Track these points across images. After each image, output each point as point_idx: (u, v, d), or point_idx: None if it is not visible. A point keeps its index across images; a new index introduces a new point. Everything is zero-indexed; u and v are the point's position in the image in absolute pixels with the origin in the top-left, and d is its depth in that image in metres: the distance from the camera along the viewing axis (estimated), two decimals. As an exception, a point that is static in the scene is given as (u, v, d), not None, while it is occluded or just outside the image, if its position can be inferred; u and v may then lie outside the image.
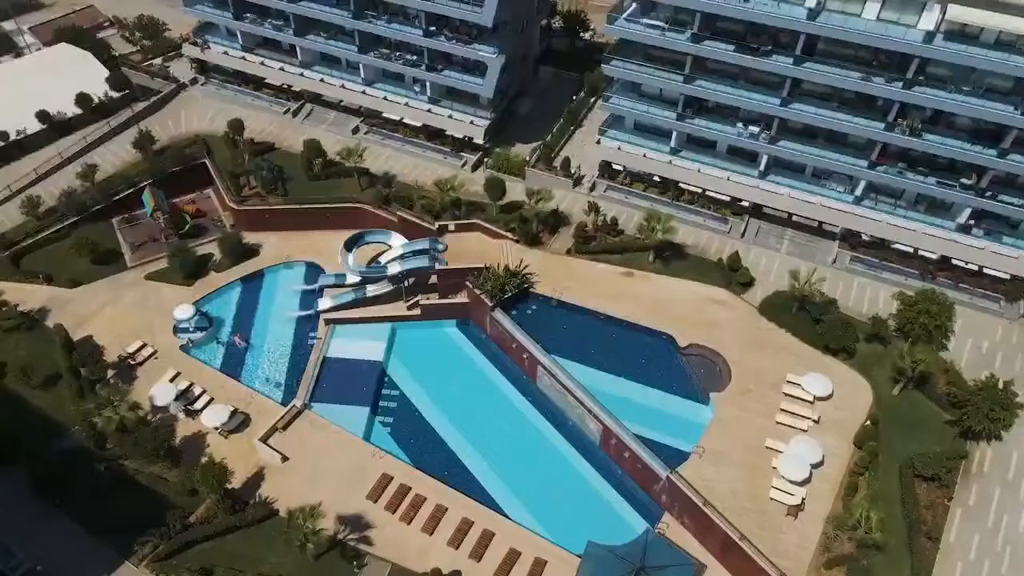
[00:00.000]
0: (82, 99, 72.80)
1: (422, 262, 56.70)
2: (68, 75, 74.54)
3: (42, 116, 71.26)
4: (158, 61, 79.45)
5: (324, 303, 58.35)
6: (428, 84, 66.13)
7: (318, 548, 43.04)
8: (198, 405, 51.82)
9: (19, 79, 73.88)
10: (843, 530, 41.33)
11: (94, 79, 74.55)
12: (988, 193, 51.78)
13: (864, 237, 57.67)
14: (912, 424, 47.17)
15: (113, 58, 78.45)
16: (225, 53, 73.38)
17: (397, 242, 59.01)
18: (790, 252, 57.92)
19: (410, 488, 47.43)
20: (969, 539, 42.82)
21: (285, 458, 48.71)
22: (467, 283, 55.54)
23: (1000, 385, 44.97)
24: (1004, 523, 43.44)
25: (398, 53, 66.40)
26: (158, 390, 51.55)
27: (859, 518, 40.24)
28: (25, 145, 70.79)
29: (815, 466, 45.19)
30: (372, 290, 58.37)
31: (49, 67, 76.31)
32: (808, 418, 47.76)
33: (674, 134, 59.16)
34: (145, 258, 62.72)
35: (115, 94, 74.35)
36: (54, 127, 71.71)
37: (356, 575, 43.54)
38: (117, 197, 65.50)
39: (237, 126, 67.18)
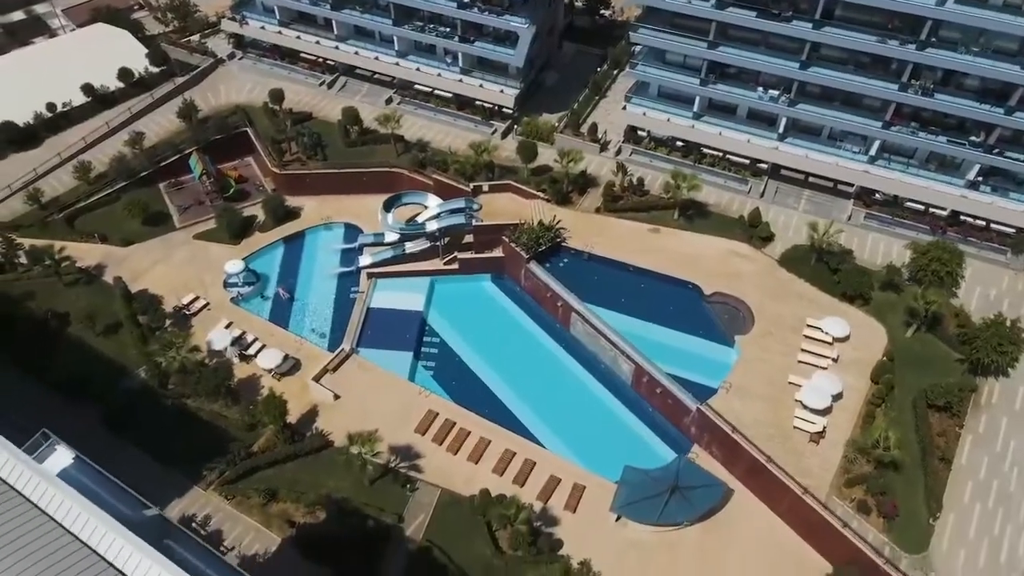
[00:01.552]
0: (124, 73, 76.52)
1: (458, 219, 60.49)
2: (108, 52, 78.26)
3: (87, 89, 74.88)
4: (195, 37, 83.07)
5: (364, 260, 62.15)
6: (460, 55, 69.84)
7: (374, 472, 46.76)
8: (252, 350, 55.49)
9: (61, 56, 77.65)
10: (863, 451, 44.87)
11: (133, 55, 78.25)
12: (996, 150, 55.35)
13: (877, 196, 61.26)
14: (925, 362, 50.77)
15: (149, 36, 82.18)
16: (262, 28, 77.08)
17: (433, 203, 62.78)
18: (807, 210, 61.54)
19: (455, 423, 51.19)
20: (979, 462, 46.51)
21: (337, 396, 52.40)
22: (503, 237, 59.27)
23: (1007, 323, 48.55)
24: (1011, 447, 47.14)
25: (431, 25, 70.11)
26: (215, 335, 55.32)
27: (878, 437, 43.86)
28: (72, 116, 74.30)
29: (835, 398, 48.83)
30: (410, 247, 62.07)
31: (89, 45, 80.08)
32: (827, 357, 51.43)
33: (697, 99, 62.85)
34: (192, 220, 66.52)
35: (155, 69, 77.99)
36: (98, 100, 75.31)
37: (408, 498, 47.20)
38: (164, 163, 69.24)
39: (277, 95, 70.95)
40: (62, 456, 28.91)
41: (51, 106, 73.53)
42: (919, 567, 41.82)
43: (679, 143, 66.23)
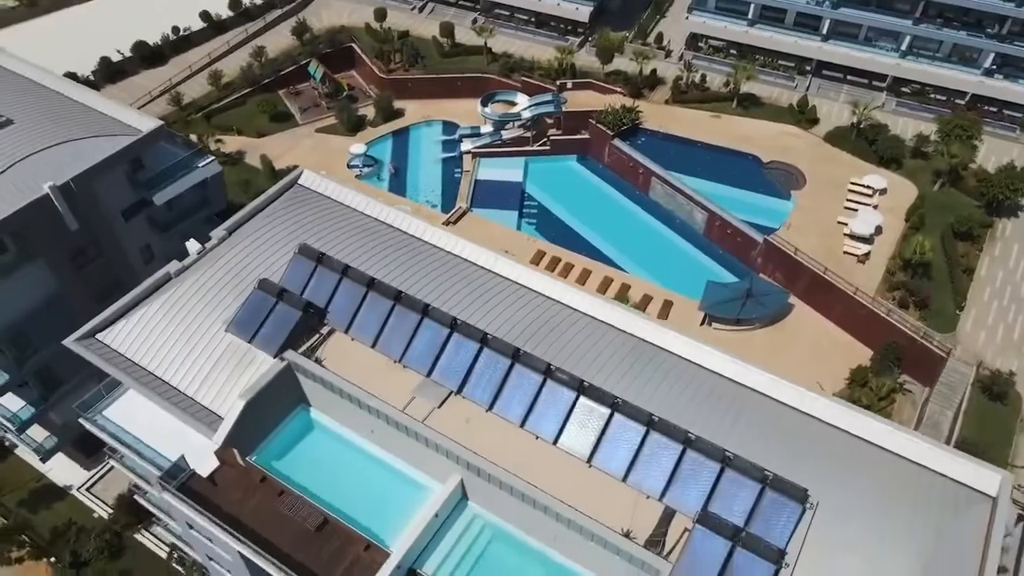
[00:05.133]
0: (234, 3, 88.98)
1: (548, 108, 72.90)
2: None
3: (204, 16, 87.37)
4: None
5: (466, 146, 74.51)
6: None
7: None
8: (382, 210, 67.71)
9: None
10: (902, 259, 56.96)
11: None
12: (1007, 40, 67.63)
13: (906, 90, 73.51)
14: (949, 208, 62.64)
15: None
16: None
17: (522, 100, 75.17)
18: (846, 101, 73.67)
19: (560, 259, 63.52)
20: (995, 274, 58.63)
21: (459, 241, 64.60)
22: (589, 120, 71.55)
23: (1020, 169, 60.74)
24: (1022, 265, 59.22)
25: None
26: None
27: (915, 247, 56.01)
28: (192, 39, 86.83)
29: (876, 231, 60.88)
30: (505, 134, 74.44)
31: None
32: (869, 204, 63.51)
33: (751, 7, 75.16)
34: (312, 118, 79.04)
35: (259, 0, 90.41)
36: (213, 26, 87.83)
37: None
38: (283, 72, 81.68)
39: (381, 13, 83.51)
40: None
41: (175, 29, 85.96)
42: (948, 342, 53.76)
43: (732, 51, 78.46)
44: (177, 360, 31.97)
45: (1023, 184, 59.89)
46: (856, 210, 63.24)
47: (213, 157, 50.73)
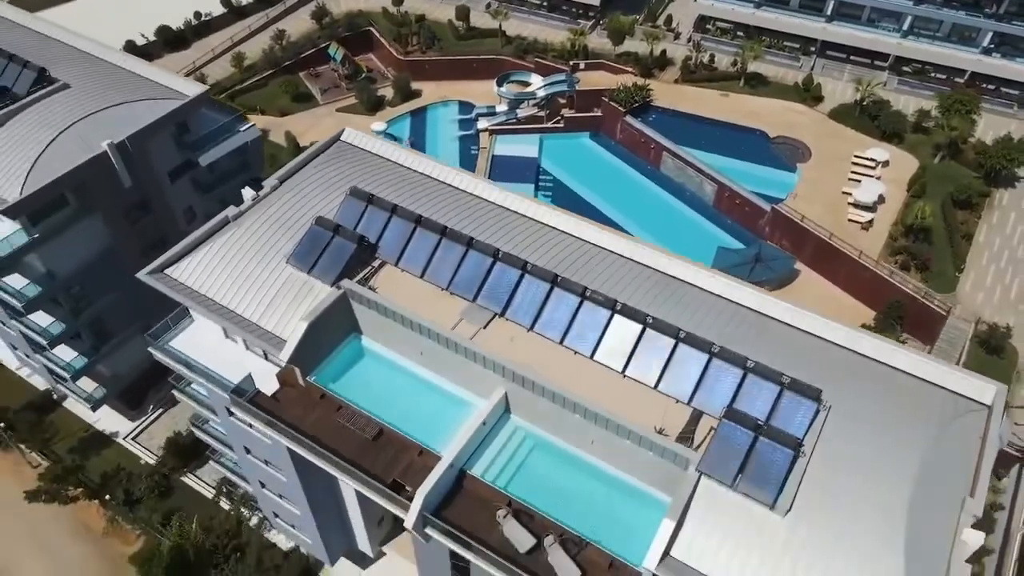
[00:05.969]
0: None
1: (562, 87, 76.15)
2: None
3: (225, 1, 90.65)
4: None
5: (482, 124, 77.73)
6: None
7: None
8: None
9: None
10: (904, 224, 60.16)
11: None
12: (1004, 19, 70.95)
13: (906, 69, 76.79)
14: (949, 179, 65.81)
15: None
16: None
17: (536, 80, 78.42)
18: (849, 80, 76.93)
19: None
20: (993, 239, 61.85)
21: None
22: (602, 98, 74.78)
23: (1016, 140, 63.99)
24: (1018, 232, 62.46)
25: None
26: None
27: (916, 212, 59.23)
28: (212, 24, 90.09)
29: (879, 200, 64.08)
30: (520, 113, 77.64)
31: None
32: (872, 176, 66.72)
33: (758, -11, 78.58)
34: (332, 99, 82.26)
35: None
36: (233, 12, 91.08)
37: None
38: (304, 54, 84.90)
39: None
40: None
41: (197, 14, 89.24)
42: (948, 302, 56.93)
43: (739, 33, 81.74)
44: (240, 291, 35.06)
45: (1019, 154, 63.11)
46: (860, 181, 66.39)
47: (253, 123, 53.69)
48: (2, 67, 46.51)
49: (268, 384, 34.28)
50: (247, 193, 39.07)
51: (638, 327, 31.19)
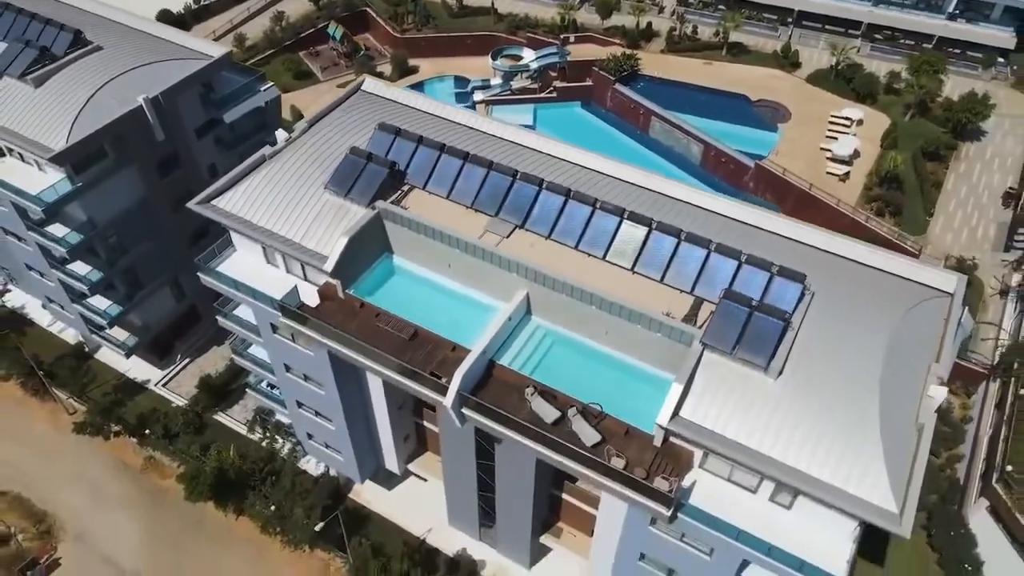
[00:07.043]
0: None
1: (554, 59, 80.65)
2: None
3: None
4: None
5: (478, 96, 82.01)
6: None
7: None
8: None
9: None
10: (878, 173, 65.14)
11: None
12: (968, -14, 76.55)
13: (877, 36, 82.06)
14: (919, 135, 71.00)
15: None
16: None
17: (529, 54, 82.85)
18: (825, 47, 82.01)
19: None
20: (960, 187, 67.03)
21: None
22: (593, 67, 79.33)
23: (980, 96, 69.22)
24: (983, 180, 67.70)
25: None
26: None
27: (889, 162, 64.21)
28: (211, 8, 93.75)
29: (854, 155, 69.04)
30: (515, 84, 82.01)
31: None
32: (848, 133, 71.72)
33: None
34: (332, 76, 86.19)
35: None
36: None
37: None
38: (303, 34, 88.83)
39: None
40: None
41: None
42: (920, 242, 61.91)
43: (720, 6, 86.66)
44: (283, 216, 39.07)
45: (983, 108, 68.34)
46: (836, 138, 71.40)
47: (272, 83, 57.57)
48: (40, 30, 50.12)
49: (309, 302, 38.34)
50: (280, 135, 43.06)
51: (644, 229, 35.60)
